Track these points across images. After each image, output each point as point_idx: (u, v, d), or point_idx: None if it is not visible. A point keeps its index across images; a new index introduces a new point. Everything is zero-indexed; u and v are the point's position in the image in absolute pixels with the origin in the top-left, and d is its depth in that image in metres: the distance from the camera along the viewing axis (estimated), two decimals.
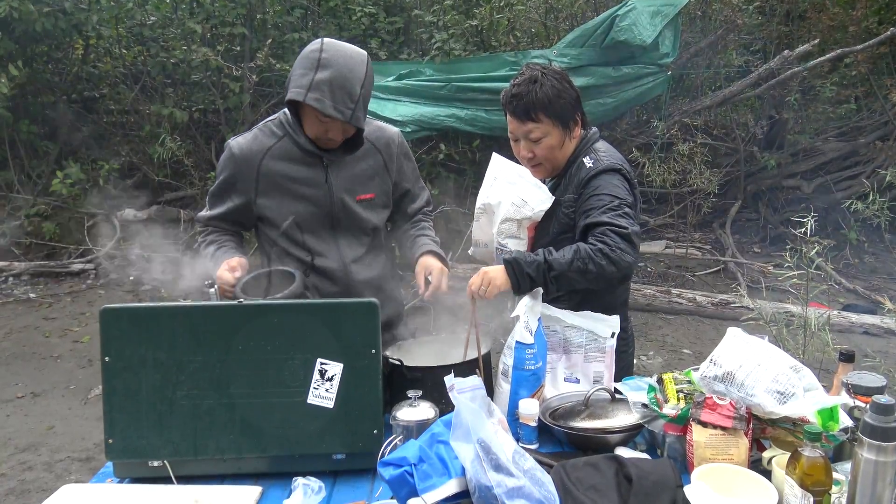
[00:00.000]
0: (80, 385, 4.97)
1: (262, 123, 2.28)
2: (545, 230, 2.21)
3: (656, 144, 7.06)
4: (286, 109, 2.20)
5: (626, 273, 2.07)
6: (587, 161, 2.16)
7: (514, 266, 1.99)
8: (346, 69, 2.03)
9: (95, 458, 3.97)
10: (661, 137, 6.97)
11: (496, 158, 2.31)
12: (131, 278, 7.10)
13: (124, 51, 7.96)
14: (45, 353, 5.54)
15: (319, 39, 2.10)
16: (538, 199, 2.17)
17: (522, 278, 1.99)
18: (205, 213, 2.35)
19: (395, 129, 2.40)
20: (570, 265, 1.95)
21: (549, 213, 2.18)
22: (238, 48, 7.36)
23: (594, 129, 2.28)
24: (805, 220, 3.74)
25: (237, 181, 2.24)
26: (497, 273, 2.02)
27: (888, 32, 6.74)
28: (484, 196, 2.26)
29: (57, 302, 6.61)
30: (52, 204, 7.64)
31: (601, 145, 2.23)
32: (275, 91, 7.34)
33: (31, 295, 6.76)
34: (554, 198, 2.18)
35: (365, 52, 2.13)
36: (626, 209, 2.05)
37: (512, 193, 2.17)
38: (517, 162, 2.28)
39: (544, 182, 2.26)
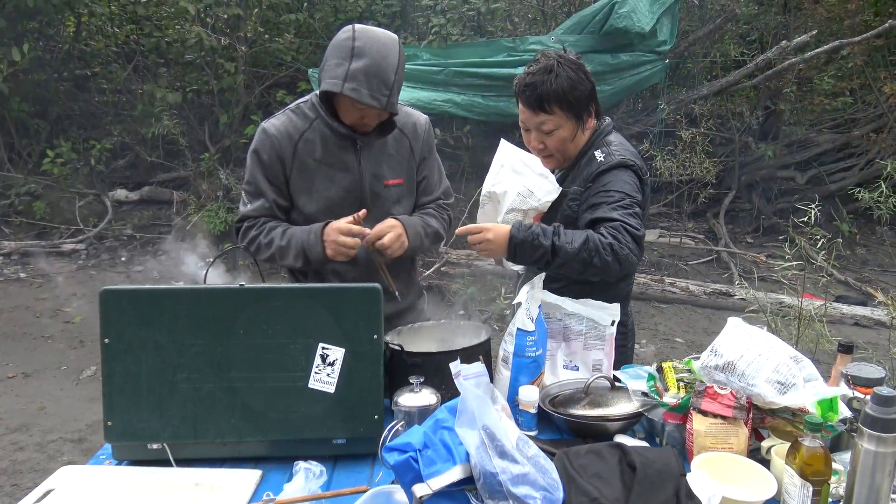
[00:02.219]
0: (71, 366, 4.95)
1: (294, 105, 2.25)
2: (551, 220, 2.15)
3: (653, 133, 7.06)
4: (317, 92, 2.18)
5: (626, 272, 2.06)
6: (598, 155, 2.13)
7: (518, 247, 1.97)
8: (381, 57, 2.02)
9: (87, 438, 3.97)
10: (658, 125, 6.96)
11: (504, 145, 2.26)
12: (123, 259, 7.06)
13: (116, 29, 7.87)
14: (37, 333, 5.51)
15: (350, 26, 2.07)
16: (545, 189, 2.14)
17: (521, 258, 2.00)
18: (246, 209, 2.25)
19: (423, 115, 2.37)
20: (576, 255, 1.92)
21: (555, 204, 2.16)
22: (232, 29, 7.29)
23: (607, 119, 2.24)
24: (803, 208, 3.74)
25: (277, 165, 2.19)
26: (498, 244, 1.98)
27: (885, 25, 6.75)
28: (490, 183, 2.22)
29: (48, 282, 6.56)
30: (42, 183, 7.58)
31: (614, 138, 2.20)
32: (269, 72, 7.28)
33: (22, 275, 6.72)
34: (561, 189, 2.16)
35: (396, 36, 2.11)
36: (637, 208, 2.02)
37: (518, 183, 2.14)
38: (525, 149, 2.25)
39: (553, 172, 2.22)
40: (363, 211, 2.12)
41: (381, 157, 2.26)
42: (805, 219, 3.68)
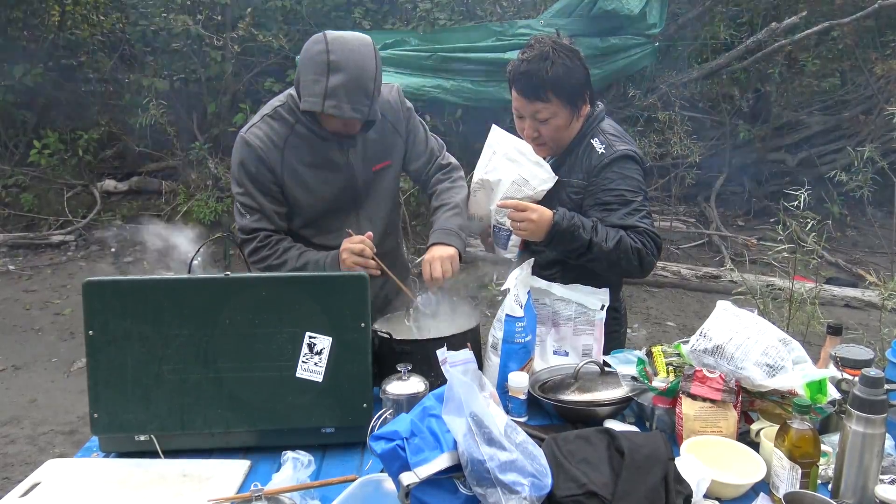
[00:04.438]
0: (62, 358, 4.92)
1: (271, 110, 2.18)
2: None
3: (643, 117, 7.04)
4: (292, 92, 2.15)
5: (644, 275, 2.11)
6: (598, 145, 2.11)
7: (558, 236, 1.98)
8: (359, 69, 1.98)
9: (79, 431, 3.95)
10: (644, 109, 6.94)
11: (495, 131, 2.22)
12: (112, 250, 7.02)
13: (102, 17, 7.77)
14: (27, 325, 5.48)
15: (322, 35, 2.02)
16: (540, 178, 2.11)
17: (557, 246, 2.01)
18: (246, 221, 2.18)
19: (391, 85, 2.32)
20: (608, 254, 1.98)
21: (551, 193, 2.13)
22: (220, 17, 7.21)
23: (600, 105, 2.22)
24: (793, 193, 3.74)
25: (264, 173, 2.14)
26: (540, 226, 1.98)
27: (875, 5, 6.72)
28: (482, 170, 2.18)
29: (37, 274, 6.52)
30: (30, 174, 7.51)
31: (608, 125, 2.19)
32: (257, 60, 7.21)
33: (10, 267, 6.67)
34: (557, 178, 2.14)
35: (369, 39, 2.07)
36: (647, 206, 2.09)
37: (513, 171, 2.10)
38: (516, 134, 2.21)
39: (545, 159, 2.19)
40: (369, 234, 2.09)
41: (367, 145, 2.24)
42: (796, 203, 3.67)
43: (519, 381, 1.84)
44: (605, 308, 2.10)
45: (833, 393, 1.64)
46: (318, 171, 2.18)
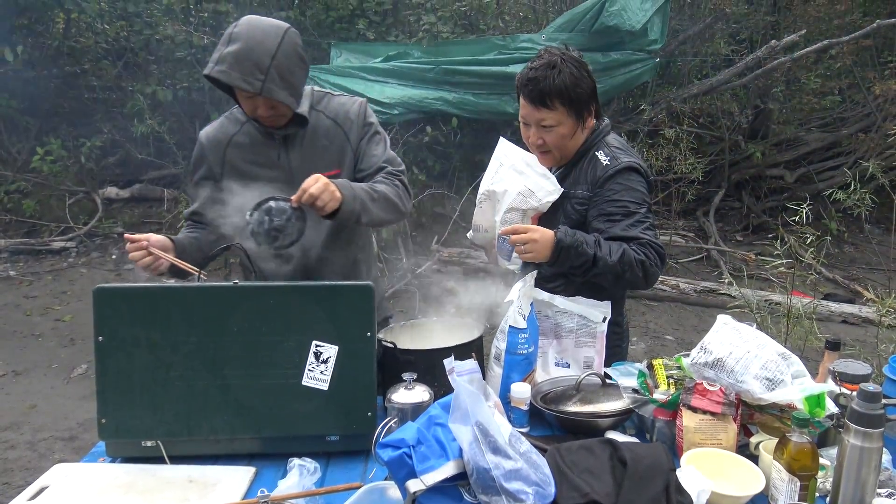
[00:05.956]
0: (62, 364, 4.93)
1: (230, 111, 2.29)
2: (550, 221, 2.15)
3: (643, 131, 7.09)
4: None
5: (649, 287, 2.13)
6: (602, 157, 2.14)
7: (563, 253, 1.99)
8: (255, 42, 2.00)
9: (79, 437, 3.96)
10: (647, 124, 6.99)
11: (503, 143, 2.24)
12: (113, 257, 7.04)
13: (106, 26, 7.82)
14: (27, 331, 5.49)
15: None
16: (546, 190, 2.13)
17: (563, 263, 2.01)
18: (186, 210, 2.39)
19: (358, 100, 2.34)
20: (613, 267, 1.99)
21: (556, 205, 2.16)
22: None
23: (606, 120, 2.25)
24: (795, 207, 3.77)
25: (207, 170, 2.28)
26: (543, 245, 1.99)
27: (873, 25, 6.80)
28: (488, 182, 2.20)
29: (38, 280, 6.54)
30: (32, 180, 7.53)
31: (613, 139, 2.21)
32: None
33: (11, 273, 6.68)
34: (562, 190, 2.16)
35: (286, 26, 2.09)
36: (651, 217, 2.11)
37: (519, 183, 2.12)
38: (522, 145, 2.24)
39: (551, 171, 2.22)
40: (150, 235, 2.11)
41: (312, 150, 2.24)
42: (796, 218, 3.70)
43: (521, 392, 1.86)
44: (607, 321, 2.13)
45: (831, 407, 1.66)
46: (258, 168, 2.24)
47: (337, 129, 2.26)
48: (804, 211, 3.63)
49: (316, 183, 1.99)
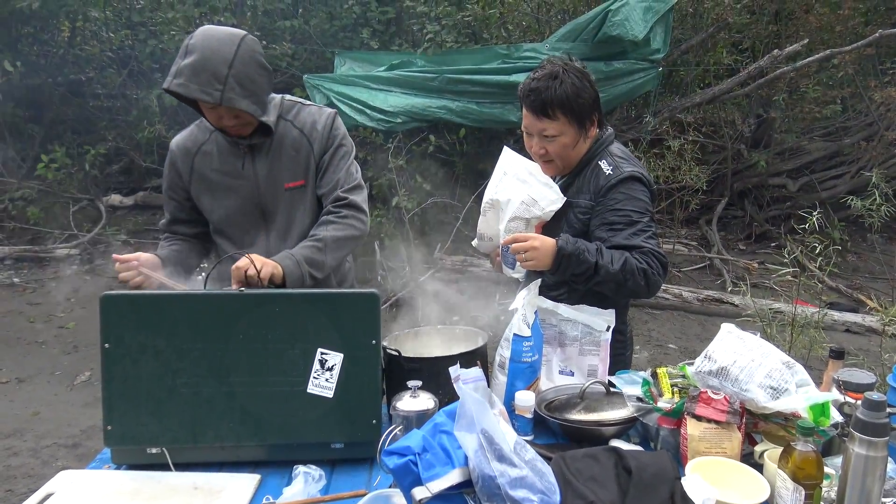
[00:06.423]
0: (65, 371, 4.94)
1: (200, 119, 2.27)
2: (554, 230, 2.15)
3: (646, 140, 7.10)
4: None
5: (651, 295, 2.13)
6: (605, 167, 2.15)
7: (564, 260, 1.99)
8: (210, 51, 2.00)
9: (82, 444, 3.96)
10: (649, 133, 7.01)
11: (507, 153, 2.26)
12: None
13: (111, 34, 7.87)
14: (30, 338, 5.50)
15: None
16: (549, 199, 2.14)
17: (565, 271, 2.02)
18: (162, 221, 2.41)
19: (328, 111, 2.32)
20: (615, 275, 2.00)
21: (559, 214, 2.16)
22: None
23: (610, 129, 2.26)
24: (804, 215, 3.77)
25: (176, 179, 2.29)
26: (544, 253, 2.00)
27: (876, 34, 6.81)
28: (492, 191, 2.21)
29: (41, 287, 6.55)
30: (36, 188, 7.56)
31: (616, 148, 2.22)
32: None
33: (15, 280, 6.70)
34: (565, 199, 2.17)
35: (242, 33, 2.08)
36: (654, 226, 2.11)
37: (522, 192, 2.14)
38: (527, 155, 2.25)
39: (554, 180, 2.23)
40: (140, 254, 2.15)
41: (278, 160, 2.24)
42: (805, 226, 3.70)
43: (525, 400, 1.87)
44: (611, 329, 2.13)
45: (836, 416, 1.66)
46: (225, 177, 2.24)
47: (303, 139, 2.25)
48: (813, 219, 3.62)
49: (251, 266, 1.93)
